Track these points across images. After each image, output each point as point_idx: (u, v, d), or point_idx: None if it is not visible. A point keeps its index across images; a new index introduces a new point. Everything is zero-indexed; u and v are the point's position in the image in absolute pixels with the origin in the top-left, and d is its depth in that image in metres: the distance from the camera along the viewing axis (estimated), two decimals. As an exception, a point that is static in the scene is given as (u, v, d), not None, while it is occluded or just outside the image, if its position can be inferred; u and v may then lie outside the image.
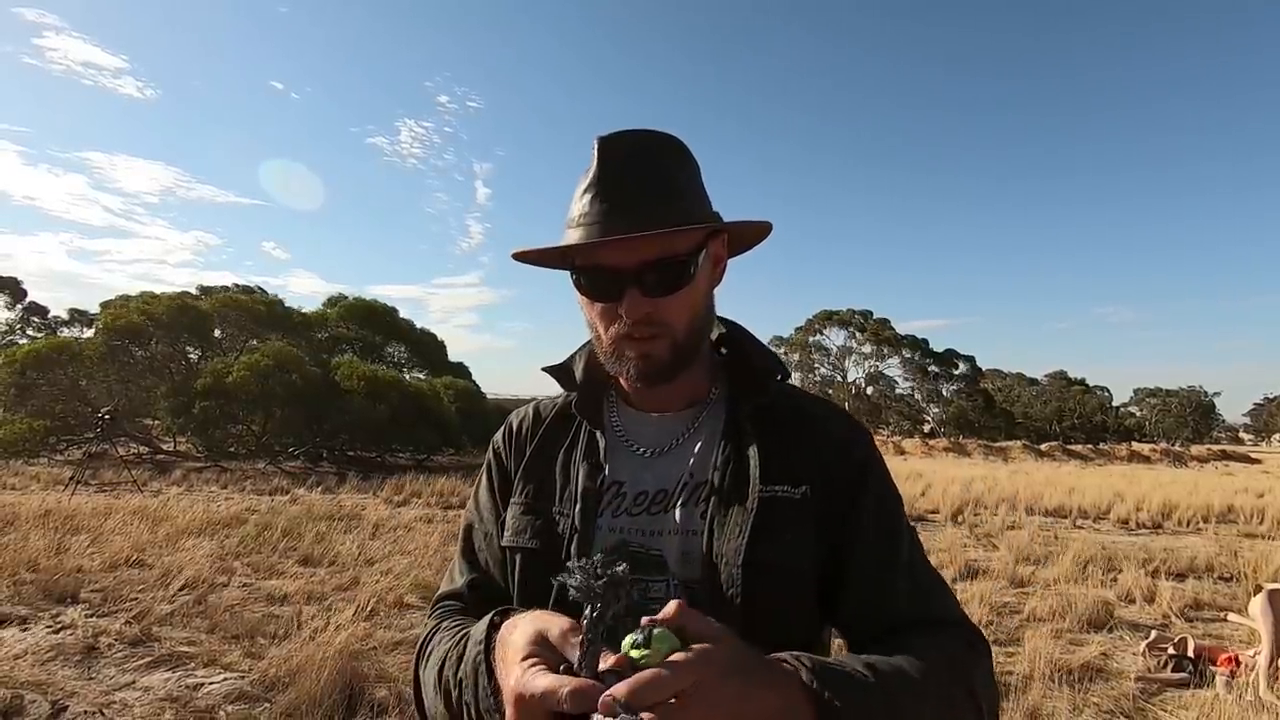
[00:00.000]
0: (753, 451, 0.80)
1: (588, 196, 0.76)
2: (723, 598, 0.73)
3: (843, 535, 0.78)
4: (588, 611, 0.53)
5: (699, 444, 0.84)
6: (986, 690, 0.72)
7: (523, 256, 0.84)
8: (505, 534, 0.86)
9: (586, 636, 0.53)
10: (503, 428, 0.96)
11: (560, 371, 0.93)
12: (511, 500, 0.88)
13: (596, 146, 0.77)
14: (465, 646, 0.70)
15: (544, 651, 0.58)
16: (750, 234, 0.88)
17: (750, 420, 0.83)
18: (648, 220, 0.74)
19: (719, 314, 0.90)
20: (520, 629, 0.62)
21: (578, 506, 0.81)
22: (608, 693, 0.49)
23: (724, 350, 0.92)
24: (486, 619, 0.69)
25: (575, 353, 0.94)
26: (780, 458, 0.80)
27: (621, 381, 0.88)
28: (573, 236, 0.77)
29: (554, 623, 0.59)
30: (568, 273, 0.83)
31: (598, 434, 0.86)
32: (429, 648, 0.80)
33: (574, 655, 0.55)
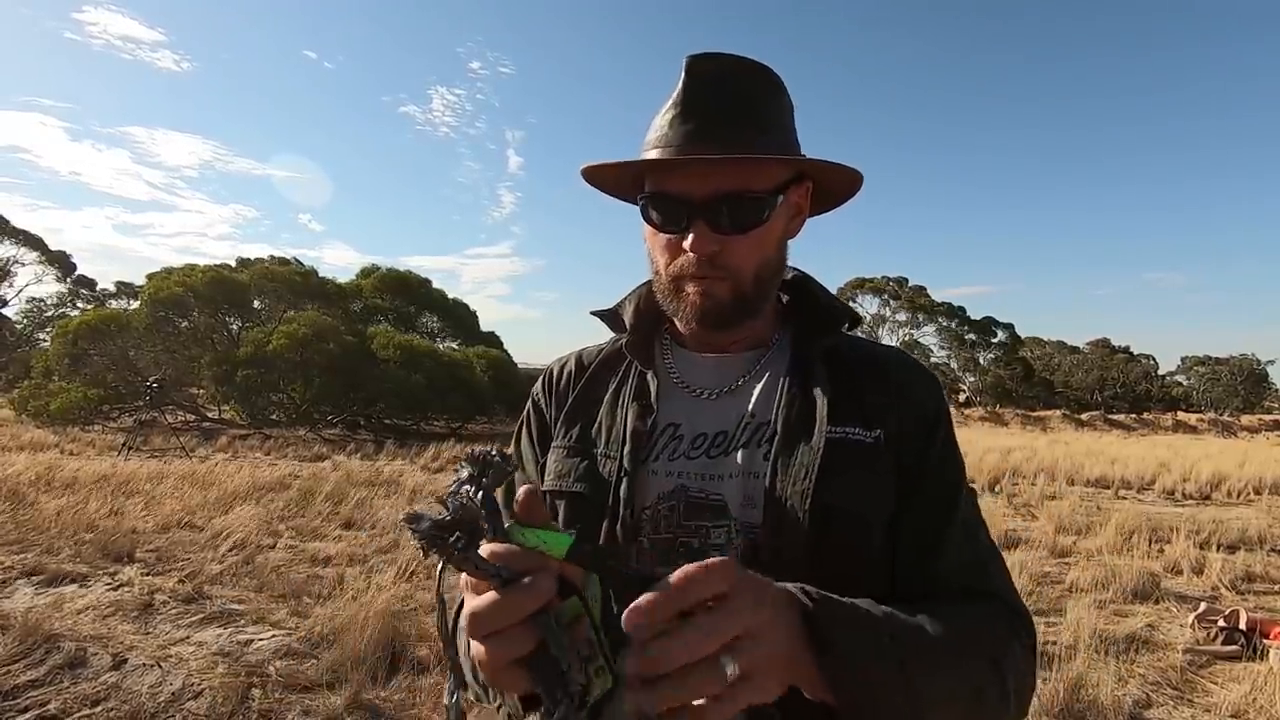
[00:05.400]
0: (819, 391, 0.75)
1: (669, 116, 0.73)
2: (786, 543, 0.69)
3: (905, 488, 0.74)
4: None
5: (761, 384, 0.79)
6: (1017, 672, 0.66)
7: (592, 173, 0.80)
8: (546, 479, 0.82)
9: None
10: (543, 375, 0.92)
11: (609, 314, 0.89)
12: (553, 444, 0.84)
13: (685, 65, 0.73)
14: None
15: None
16: (839, 188, 0.82)
17: (818, 361, 0.78)
18: (726, 147, 0.69)
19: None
20: None
21: (626, 449, 0.77)
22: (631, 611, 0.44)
23: (786, 298, 0.87)
24: None
25: (625, 296, 0.90)
26: (850, 400, 0.75)
27: (678, 323, 0.83)
28: (648, 157, 0.73)
29: None
30: (632, 208, 0.79)
31: (649, 375, 0.82)
32: None
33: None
